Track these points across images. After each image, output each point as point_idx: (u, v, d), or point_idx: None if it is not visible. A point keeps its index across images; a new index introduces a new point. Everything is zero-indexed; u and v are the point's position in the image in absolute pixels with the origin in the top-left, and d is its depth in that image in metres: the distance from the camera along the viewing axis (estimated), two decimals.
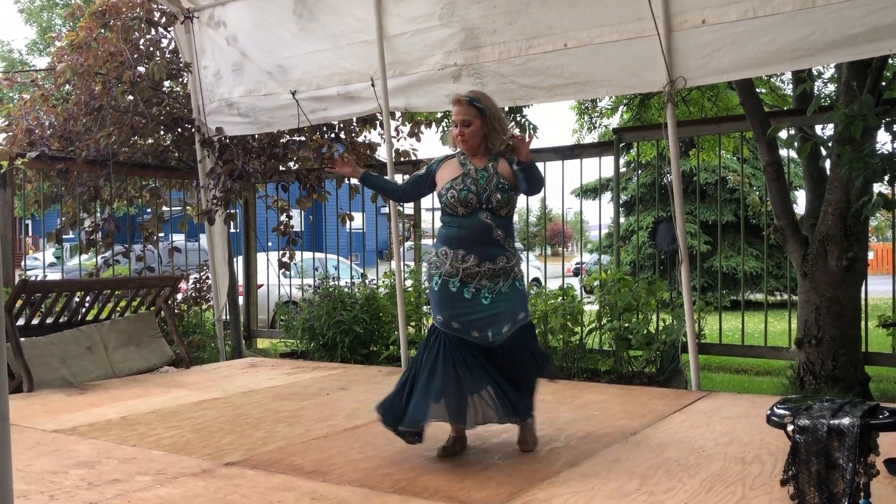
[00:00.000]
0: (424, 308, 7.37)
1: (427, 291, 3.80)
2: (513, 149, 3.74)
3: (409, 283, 7.27)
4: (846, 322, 5.55)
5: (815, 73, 8.82)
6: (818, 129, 6.15)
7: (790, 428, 2.24)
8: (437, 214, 4.09)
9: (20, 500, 3.01)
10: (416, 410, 3.56)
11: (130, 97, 7.28)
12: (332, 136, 8.03)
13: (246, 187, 7.71)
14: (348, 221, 7.93)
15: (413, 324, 7.16)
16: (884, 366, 6.08)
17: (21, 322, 5.96)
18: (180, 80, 8.07)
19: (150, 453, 3.76)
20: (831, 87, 9.36)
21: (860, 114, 4.30)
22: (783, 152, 6.04)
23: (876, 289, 6.27)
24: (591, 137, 11.82)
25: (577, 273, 17.91)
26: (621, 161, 10.91)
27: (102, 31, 7.42)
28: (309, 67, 6.75)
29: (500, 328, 3.70)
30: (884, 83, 5.49)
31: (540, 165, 7.07)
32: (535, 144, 3.98)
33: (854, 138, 4.55)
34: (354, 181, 7.90)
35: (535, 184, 3.76)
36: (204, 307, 8.23)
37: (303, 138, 8.04)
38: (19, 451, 3.76)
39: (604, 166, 7.28)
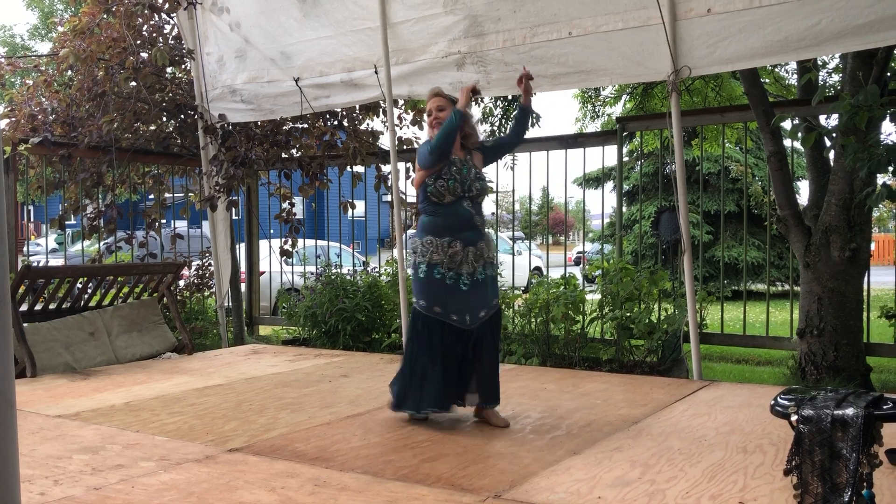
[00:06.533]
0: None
1: (410, 276, 4.12)
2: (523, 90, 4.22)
3: (410, 271, 7.27)
4: (848, 312, 5.55)
5: (819, 62, 8.78)
6: (822, 119, 6.13)
7: (794, 418, 2.24)
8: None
9: (25, 484, 3.02)
10: (435, 397, 3.92)
11: (133, 83, 7.27)
12: (335, 123, 8.01)
13: (248, 174, 7.70)
14: (350, 209, 7.93)
15: None
16: (885, 356, 6.09)
17: (24, 308, 5.98)
18: (183, 66, 8.05)
19: (154, 439, 3.77)
20: (836, 77, 9.33)
21: (865, 104, 4.28)
22: (787, 142, 6.03)
23: (877, 280, 6.27)
24: (594, 126, 11.81)
25: (578, 262, 17.93)
26: (624, 150, 10.87)
27: (105, 16, 7.39)
28: (312, 54, 6.72)
29: (477, 314, 3.97)
30: (889, 73, 5.46)
31: (543, 154, 7.16)
32: (537, 133, 4.16)
33: (859, 128, 4.54)
34: (358, 169, 7.89)
35: (525, 129, 4.31)
36: (206, 294, 8.24)
37: (305, 125, 8.03)
38: (23, 436, 3.77)
39: (607, 155, 7.25)
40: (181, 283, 7.86)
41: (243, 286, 8.70)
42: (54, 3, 23.54)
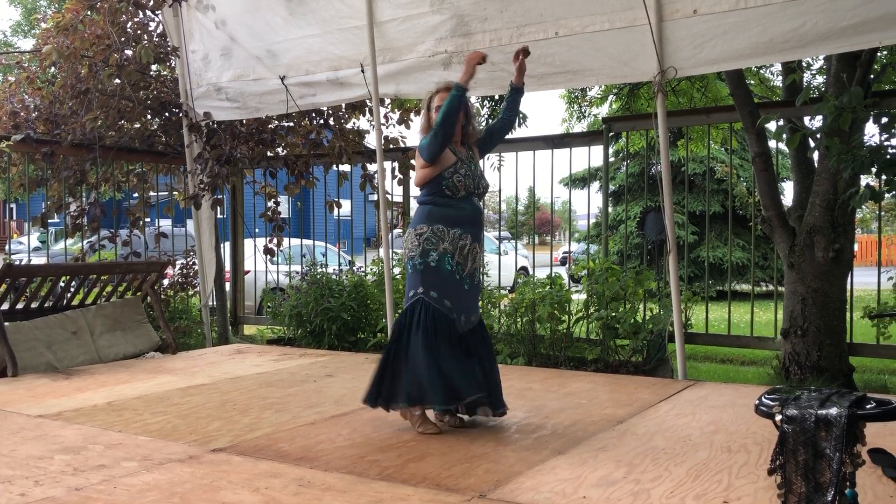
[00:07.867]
0: (410, 293, 7.34)
1: (413, 265, 3.87)
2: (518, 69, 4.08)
3: (396, 270, 7.26)
4: (831, 313, 5.58)
5: (804, 64, 8.84)
6: (807, 120, 6.16)
7: (778, 418, 2.24)
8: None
9: (4, 485, 3.00)
10: (453, 388, 3.71)
11: (117, 80, 7.20)
12: (321, 122, 7.98)
13: (233, 173, 7.66)
14: (336, 208, 7.90)
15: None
16: (867, 356, 6.13)
17: (5, 306, 5.91)
18: (168, 63, 7.99)
19: (137, 439, 3.74)
20: (820, 79, 9.39)
21: (849, 105, 4.31)
22: (772, 143, 6.05)
23: (860, 280, 6.30)
24: (580, 126, 11.82)
25: (564, 262, 17.96)
26: (610, 150, 10.90)
27: (89, 13, 7.33)
28: (298, 52, 6.69)
29: (469, 317, 3.93)
30: (872, 75, 5.50)
31: (529, 154, 7.16)
32: (524, 133, 4.14)
33: (843, 130, 4.56)
34: (344, 168, 7.86)
35: (517, 111, 4.24)
36: (190, 293, 8.18)
37: (291, 124, 7.99)
38: (4, 436, 3.74)
39: (593, 155, 7.29)
40: (165, 281, 7.80)
41: (228, 285, 8.66)
42: (37, 0, 23.33)
